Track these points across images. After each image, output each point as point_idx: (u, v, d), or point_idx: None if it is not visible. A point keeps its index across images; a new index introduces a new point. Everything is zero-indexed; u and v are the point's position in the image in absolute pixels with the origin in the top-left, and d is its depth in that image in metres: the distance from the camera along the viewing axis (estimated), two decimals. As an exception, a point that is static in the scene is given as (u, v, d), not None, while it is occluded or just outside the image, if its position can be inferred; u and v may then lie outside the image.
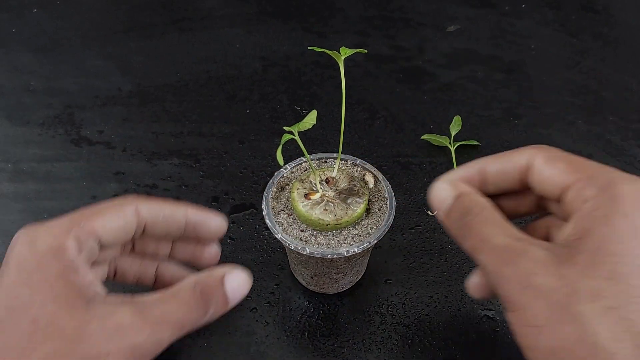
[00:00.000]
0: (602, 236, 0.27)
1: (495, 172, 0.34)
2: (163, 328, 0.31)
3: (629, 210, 0.27)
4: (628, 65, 0.72)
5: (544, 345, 0.26)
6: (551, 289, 0.27)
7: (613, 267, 0.26)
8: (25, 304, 0.29)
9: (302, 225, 0.41)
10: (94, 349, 0.28)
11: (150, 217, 0.36)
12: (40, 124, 0.64)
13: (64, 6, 0.82)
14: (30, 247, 0.31)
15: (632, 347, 0.25)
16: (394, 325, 0.46)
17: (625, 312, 0.26)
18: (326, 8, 0.82)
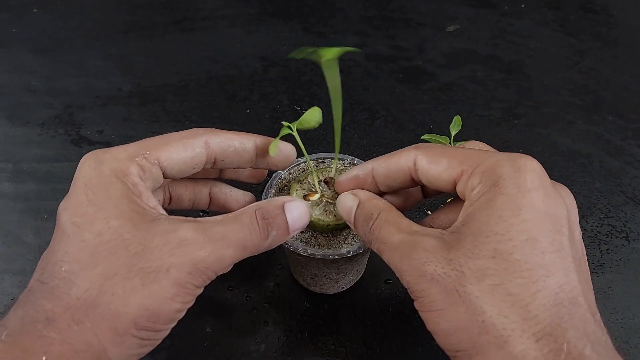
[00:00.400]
0: (484, 218, 0.29)
1: (383, 175, 0.36)
2: (224, 245, 0.31)
3: (510, 190, 0.29)
4: (627, 65, 0.72)
5: (443, 328, 0.28)
6: (442, 274, 0.28)
7: (496, 246, 0.28)
8: (90, 220, 0.30)
9: (302, 225, 0.41)
10: (156, 263, 0.29)
11: (221, 150, 0.36)
12: (41, 124, 0.64)
13: (64, 6, 0.82)
14: (96, 169, 0.32)
15: (520, 321, 0.26)
16: (394, 325, 0.46)
17: (510, 287, 0.27)
18: (326, 8, 0.82)
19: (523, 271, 0.27)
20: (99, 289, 0.28)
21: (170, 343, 0.44)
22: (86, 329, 0.27)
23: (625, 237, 0.52)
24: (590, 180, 0.57)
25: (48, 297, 0.28)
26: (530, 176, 0.29)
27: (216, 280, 0.49)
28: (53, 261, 0.29)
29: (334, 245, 0.39)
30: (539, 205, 0.29)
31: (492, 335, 0.26)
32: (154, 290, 0.28)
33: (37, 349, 0.26)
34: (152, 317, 0.28)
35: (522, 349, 0.26)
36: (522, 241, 0.28)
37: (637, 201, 0.55)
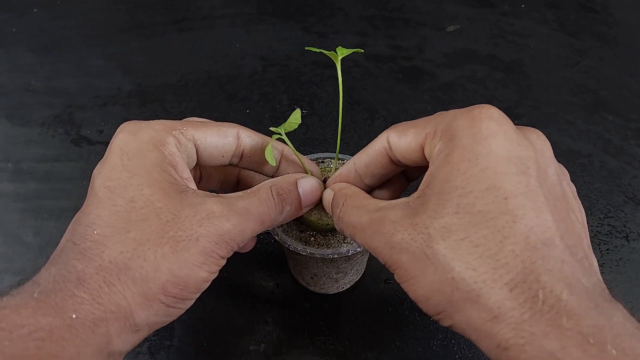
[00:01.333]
0: (444, 174, 0.28)
1: (364, 164, 0.36)
2: (247, 218, 0.32)
3: (465, 141, 0.28)
4: (627, 65, 0.72)
5: (421, 294, 0.28)
6: (409, 240, 0.28)
7: (458, 201, 0.27)
8: (123, 185, 0.31)
9: (301, 226, 0.41)
10: (186, 232, 0.30)
11: (250, 146, 0.37)
12: (41, 124, 0.64)
13: (64, 6, 0.82)
14: (134, 135, 0.32)
15: (489, 271, 0.25)
16: (394, 325, 0.46)
17: (475, 239, 0.26)
18: (326, 8, 0.82)
19: (487, 221, 0.26)
20: (132, 253, 0.29)
21: (170, 343, 0.44)
22: (116, 291, 0.28)
23: (626, 237, 0.52)
24: (590, 180, 0.57)
25: (80, 258, 0.29)
26: (486, 123, 0.29)
27: (216, 280, 0.49)
28: (85, 224, 0.30)
29: (333, 245, 0.39)
30: (498, 150, 0.28)
31: (463, 290, 0.26)
32: (184, 257, 0.29)
33: (67, 307, 0.27)
34: (181, 284, 0.30)
35: (496, 300, 0.25)
36: (483, 191, 0.27)
37: (637, 201, 0.55)
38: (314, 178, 0.37)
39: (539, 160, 0.29)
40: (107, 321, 0.28)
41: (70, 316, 0.27)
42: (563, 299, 0.24)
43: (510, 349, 0.25)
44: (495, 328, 0.25)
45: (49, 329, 0.26)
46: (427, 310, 0.28)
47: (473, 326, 0.26)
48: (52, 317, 0.26)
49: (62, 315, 0.27)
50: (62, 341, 0.26)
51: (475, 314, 0.26)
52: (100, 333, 0.27)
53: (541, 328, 0.24)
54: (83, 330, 0.27)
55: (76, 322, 0.27)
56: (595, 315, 0.24)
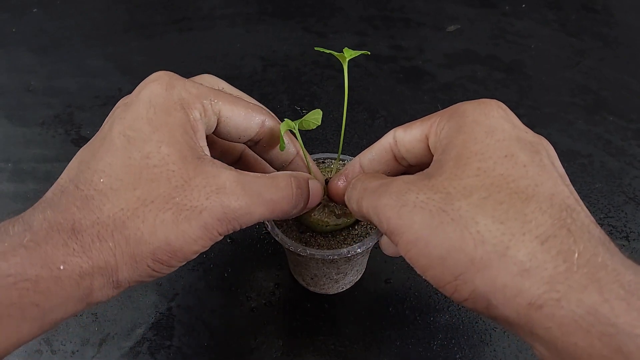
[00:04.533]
0: (460, 142, 0.28)
1: (369, 160, 0.36)
2: (257, 202, 0.31)
3: (478, 117, 0.29)
4: (628, 65, 0.72)
5: (435, 255, 0.26)
6: (425, 199, 0.27)
7: (477, 165, 0.27)
8: (143, 138, 0.30)
9: (301, 227, 0.41)
10: (192, 202, 0.29)
11: (270, 135, 0.36)
12: (40, 124, 0.64)
13: (64, 6, 0.82)
14: (166, 90, 0.31)
15: (518, 225, 0.25)
16: (394, 325, 0.46)
17: (499, 198, 0.25)
18: (326, 8, 0.82)
19: (509, 183, 0.26)
20: (133, 212, 0.28)
21: (170, 343, 0.44)
22: (107, 248, 0.28)
23: (626, 237, 0.52)
24: (590, 180, 0.57)
25: (79, 205, 0.28)
26: (495, 107, 0.29)
27: (216, 280, 0.49)
28: (94, 169, 0.29)
29: (333, 245, 0.39)
30: (509, 129, 0.28)
31: (490, 244, 0.24)
32: (183, 228, 0.29)
33: (57, 257, 0.26)
34: (171, 253, 0.29)
35: (527, 252, 0.24)
36: (502, 158, 0.27)
37: (638, 201, 0.55)
38: (318, 181, 0.37)
39: (547, 150, 0.29)
40: (92, 276, 0.27)
41: (58, 267, 0.26)
42: (598, 254, 0.23)
43: (544, 306, 0.23)
44: (526, 283, 0.24)
45: (35, 279, 0.26)
46: (441, 276, 0.26)
47: (499, 284, 0.24)
48: (39, 268, 0.26)
49: (50, 266, 0.26)
50: (46, 292, 0.26)
51: (503, 269, 0.24)
52: (84, 285, 0.27)
53: (578, 281, 0.23)
54: (68, 282, 0.27)
55: (63, 274, 0.26)
56: (634, 272, 0.23)
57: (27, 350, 0.44)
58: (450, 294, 0.26)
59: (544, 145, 0.29)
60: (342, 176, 0.38)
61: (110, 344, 0.44)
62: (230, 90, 0.38)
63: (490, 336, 0.45)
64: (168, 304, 0.47)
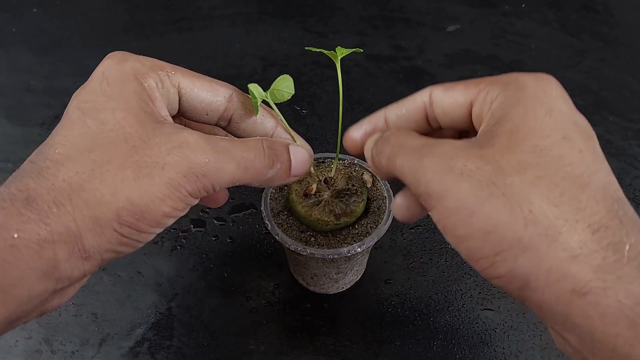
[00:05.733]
0: (518, 116, 0.26)
1: (397, 116, 0.33)
2: (227, 159, 0.30)
3: (538, 93, 0.27)
4: (628, 65, 0.72)
5: (478, 227, 0.24)
6: (474, 168, 0.25)
7: (535, 142, 0.26)
8: (97, 108, 0.29)
9: (301, 226, 0.41)
10: (152, 159, 0.28)
11: (242, 112, 0.35)
12: (40, 124, 0.64)
13: (64, 6, 0.82)
14: (118, 64, 0.31)
15: (572, 211, 0.24)
16: (394, 325, 0.46)
17: (555, 179, 0.24)
18: (326, 8, 0.82)
19: (565, 166, 0.25)
20: (89, 174, 0.27)
21: (170, 343, 0.44)
22: (66, 212, 0.26)
23: (626, 237, 0.52)
24: (590, 180, 0.57)
25: (34, 177, 0.27)
26: (555, 85, 0.28)
27: (216, 280, 0.49)
28: (50, 143, 0.29)
29: (333, 245, 0.39)
30: (567, 111, 0.27)
31: (542, 226, 0.23)
32: (145, 185, 0.27)
33: (10, 225, 0.25)
34: (137, 214, 0.27)
35: (579, 239, 0.23)
36: (559, 139, 0.26)
37: (638, 202, 0.55)
38: (305, 150, 0.35)
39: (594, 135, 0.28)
40: (53, 243, 0.26)
41: (12, 235, 0.25)
42: None
43: (589, 294, 0.23)
44: (574, 268, 0.23)
45: None
46: (481, 249, 0.25)
47: (545, 267, 0.23)
48: None
49: (3, 235, 0.25)
50: (3, 264, 0.25)
51: (552, 253, 0.23)
52: (46, 256, 0.26)
53: (628, 272, 0.23)
54: (27, 251, 0.25)
55: (19, 242, 0.25)
56: None
57: (26, 349, 0.44)
58: (482, 269, 0.25)
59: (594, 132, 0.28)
60: (362, 127, 0.34)
61: (110, 344, 0.44)
62: None
63: (490, 336, 0.45)
64: (168, 304, 0.47)
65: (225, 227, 0.52)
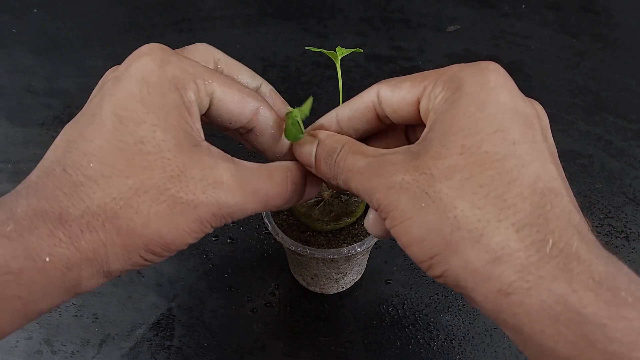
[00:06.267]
0: (449, 118, 0.27)
1: (348, 117, 0.34)
2: (252, 199, 0.30)
3: (473, 89, 0.27)
4: (628, 66, 0.72)
5: (415, 235, 0.26)
6: (410, 181, 0.26)
7: (463, 142, 0.26)
8: (136, 120, 0.28)
9: (302, 226, 0.41)
10: (188, 195, 0.28)
11: (263, 126, 0.34)
12: (40, 124, 0.64)
13: (64, 7, 0.82)
14: (160, 67, 0.30)
15: (495, 211, 0.24)
16: (394, 326, 0.46)
17: (481, 179, 0.25)
18: (326, 9, 0.82)
19: (494, 162, 0.25)
20: (125, 202, 0.27)
21: (170, 343, 0.44)
22: (97, 238, 0.26)
23: (626, 237, 0.52)
24: (590, 180, 0.57)
25: (67, 192, 0.26)
26: (494, 75, 0.28)
27: (217, 280, 0.49)
28: (83, 151, 0.27)
29: (333, 245, 0.39)
30: (505, 101, 0.27)
31: (465, 230, 0.25)
32: (177, 221, 0.28)
33: (42, 248, 0.25)
34: (164, 245, 0.28)
35: (500, 240, 0.24)
36: (491, 133, 0.26)
37: (638, 202, 0.55)
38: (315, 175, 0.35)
39: (541, 121, 0.28)
40: (80, 266, 0.26)
41: (44, 259, 0.25)
42: (573, 244, 0.24)
43: (513, 294, 0.24)
44: (496, 270, 0.24)
45: (18, 271, 0.24)
46: (419, 254, 0.26)
47: (471, 269, 0.25)
48: (23, 259, 0.25)
49: (34, 258, 0.25)
50: (30, 283, 0.25)
51: (475, 255, 0.24)
52: (71, 277, 0.26)
53: (549, 271, 0.23)
54: (54, 273, 0.25)
55: (48, 265, 0.25)
56: (606, 263, 0.23)
57: (27, 350, 0.44)
58: (425, 270, 0.27)
59: (539, 115, 0.28)
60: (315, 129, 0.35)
61: (111, 344, 0.44)
62: (226, 60, 0.36)
63: (490, 337, 0.45)
64: (168, 305, 0.47)
65: (225, 227, 0.52)
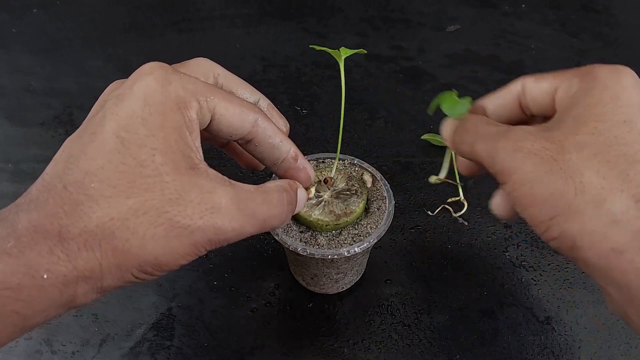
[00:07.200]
0: (585, 104, 0.30)
1: (495, 105, 0.37)
2: (250, 223, 0.31)
3: (608, 82, 0.31)
4: (628, 65, 0.72)
5: (538, 196, 0.29)
6: (540, 148, 0.29)
7: (596, 125, 0.29)
8: (137, 143, 0.28)
9: (301, 227, 0.41)
10: (185, 220, 0.28)
11: (262, 137, 0.35)
12: (40, 124, 0.64)
13: (64, 7, 0.82)
14: (163, 87, 0.30)
15: (619, 183, 0.27)
16: (394, 325, 0.46)
17: (608, 156, 0.28)
18: (326, 9, 0.82)
19: (620, 145, 0.28)
20: (123, 223, 0.27)
21: (170, 343, 0.44)
22: (93, 257, 0.27)
23: (626, 237, 0.52)
24: (591, 180, 0.57)
25: (68, 210, 0.27)
26: (629, 76, 0.31)
27: (216, 280, 0.49)
28: (84, 169, 0.28)
29: (333, 245, 0.39)
30: (635, 98, 0.30)
31: (589, 194, 0.27)
32: (173, 245, 0.28)
33: (41, 265, 0.26)
34: (157, 266, 0.29)
35: (621, 206, 0.27)
36: (620, 122, 0.29)
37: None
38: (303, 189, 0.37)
39: None
40: (76, 283, 0.27)
41: (42, 276, 0.26)
42: None
43: (626, 252, 0.26)
44: (614, 231, 0.27)
45: (17, 287, 0.25)
46: (539, 215, 0.29)
47: (589, 229, 0.27)
48: (22, 275, 0.25)
49: (33, 274, 0.25)
50: (28, 299, 0.25)
51: (596, 217, 0.27)
52: (67, 293, 0.27)
53: None
54: (52, 290, 0.26)
55: (46, 282, 0.26)
56: None
57: (27, 350, 0.44)
58: (541, 232, 0.29)
59: None
60: None
61: (111, 344, 0.44)
62: (225, 75, 0.37)
63: (490, 336, 0.45)
64: (168, 305, 0.47)
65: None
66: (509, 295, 0.48)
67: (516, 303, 0.47)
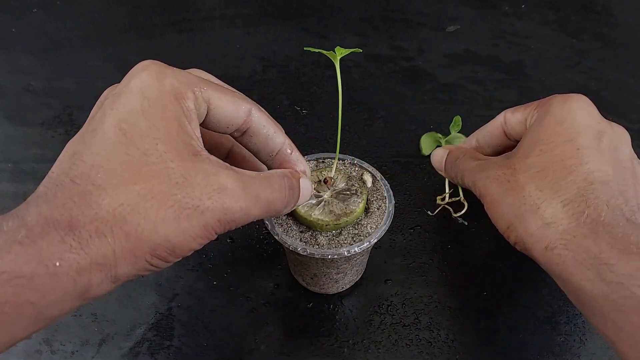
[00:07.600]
0: (536, 131, 0.38)
1: (483, 136, 0.46)
2: (256, 204, 0.32)
3: (556, 110, 0.38)
4: (628, 66, 0.72)
5: (499, 211, 0.37)
6: (500, 174, 0.38)
7: (542, 147, 0.36)
8: (139, 134, 0.29)
9: (301, 226, 0.41)
10: (194, 201, 0.29)
11: (256, 127, 0.35)
12: (40, 124, 0.64)
13: (64, 7, 0.82)
14: (158, 80, 0.31)
15: (551, 192, 0.34)
16: (394, 325, 0.46)
17: (549, 172, 0.35)
18: (326, 9, 0.82)
19: (559, 161, 0.35)
20: (133, 208, 0.28)
21: (170, 343, 0.44)
22: (106, 243, 0.27)
23: (626, 237, 0.52)
24: (590, 180, 0.57)
25: (77, 201, 0.27)
26: (576, 101, 0.38)
27: (216, 280, 0.49)
28: (90, 163, 0.28)
29: (333, 245, 0.39)
30: (580, 119, 0.37)
31: (528, 204, 0.35)
32: (184, 226, 0.29)
33: (53, 253, 0.26)
34: (170, 249, 0.29)
35: (551, 212, 0.34)
36: (562, 142, 0.36)
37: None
38: (309, 180, 0.38)
39: (613, 138, 0.37)
40: (90, 272, 0.27)
41: (54, 264, 0.26)
42: (602, 215, 0.32)
43: (555, 249, 0.33)
44: (546, 232, 0.34)
45: (30, 276, 0.25)
46: (501, 225, 0.37)
47: (529, 233, 0.34)
48: (35, 264, 0.25)
49: (46, 263, 0.26)
50: (42, 289, 0.26)
51: (532, 222, 0.34)
52: (81, 282, 0.27)
53: (581, 232, 0.32)
54: (65, 279, 0.26)
55: (59, 270, 0.26)
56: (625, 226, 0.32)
57: (26, 350, 0.44)
58: (507, 239, 0.37)
59: (615, 132, 0.37)
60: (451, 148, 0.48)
61: (110, 344, 0.44)
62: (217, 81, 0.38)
63: (490, 336, 0.45)
64: (168, 304, 0.47)
65: (225, 227, 0.52)
66: (508, 295, 0.48)
67: (516, 303, 0.47)
